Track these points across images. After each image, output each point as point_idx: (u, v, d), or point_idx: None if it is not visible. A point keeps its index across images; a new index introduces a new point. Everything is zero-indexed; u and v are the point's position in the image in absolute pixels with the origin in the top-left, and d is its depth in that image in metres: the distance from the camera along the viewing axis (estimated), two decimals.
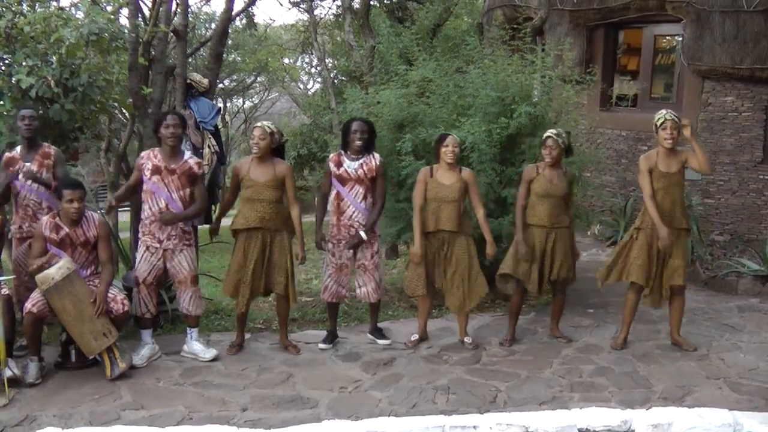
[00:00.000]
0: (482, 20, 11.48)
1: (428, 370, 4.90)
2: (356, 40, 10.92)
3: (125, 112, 7.45)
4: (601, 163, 8.47)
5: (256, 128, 5.05)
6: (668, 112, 5.01)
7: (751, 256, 7.46)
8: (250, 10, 13.31)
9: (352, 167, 5.19)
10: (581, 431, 3.85)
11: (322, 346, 5.31)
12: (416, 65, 7.15)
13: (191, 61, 12.71)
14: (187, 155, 5.06)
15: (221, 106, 19.76)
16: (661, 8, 8.50)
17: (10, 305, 4.59)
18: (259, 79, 22.65)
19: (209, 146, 7.59)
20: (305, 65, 22.91)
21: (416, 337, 5.42)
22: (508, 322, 5.52)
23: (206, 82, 7.86)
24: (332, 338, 5.41)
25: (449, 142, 5.09)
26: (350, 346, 5.40)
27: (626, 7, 8.81)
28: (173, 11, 7.79)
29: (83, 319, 4.56)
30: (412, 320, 5.95)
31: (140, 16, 7.74)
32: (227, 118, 21.73)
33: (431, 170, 5.22)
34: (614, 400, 4.37)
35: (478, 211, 5.17)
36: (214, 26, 14.05)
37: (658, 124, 4.99)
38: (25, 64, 5.56)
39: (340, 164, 5.23)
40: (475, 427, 3.81)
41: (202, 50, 13.22)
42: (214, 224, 5.46)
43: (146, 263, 4.98)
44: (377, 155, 5.30)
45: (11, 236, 5.30)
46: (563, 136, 5.19)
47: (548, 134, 5.18)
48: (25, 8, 6.09)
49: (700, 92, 8.31)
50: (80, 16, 6.10)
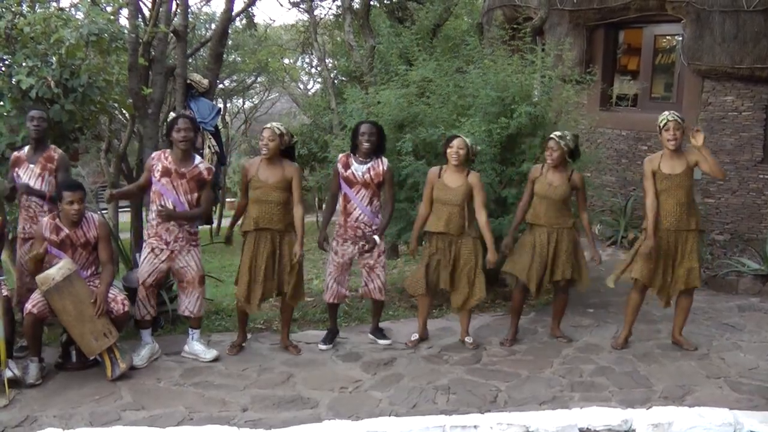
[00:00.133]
0: (482, 20, 11.47)
1: (429, 370, 4.90)
2: (356, 40, 10.93)
3: (125, 112, 7.47)
4: (601, 162, 8.47)
5: (265, 129, 5.01)
6: (671, 113, 4.99)
7: (751, 255, 7.46)
8: (250, 10, 13.33)
9: (359, 171, 5.17)
10: (582, 431, 3.84)
11: (322, 346, 5.30)
12: (416, 65, 7.15)
13: (191, 61, 12.73)
14: (197, 160, 5.04)
15: (221, 106, 19.74)
16: (661, 8, 8.50)
17: (9, 306, 4.59)
18: (259, 79, 22.64)
19: (209, 146, 7.61)
20: (305, 65, 22.92)
21: (416, 336, 5.42)
22: (510, 321, 5.52)
23: (206, 82, 7.88)
24: (332, 337, 5.40)
25: (455, 143, 5.08)
26: (351, 346, 5.40)
27: (626, 7, 8.81)
28: (173, 12, 7.81)
29: (84, 319, 4.56)
30: (412, 320, 5.95)
31: (140, 16, 7.76)
32: (227, 118, 21.72)
33: (440, 171, 5.22)
34: (615, 399, 4.37)
35: (479, 215, 5.11)
36: (214, 27, 14.06)
37: (661, 125, 4.98)
38: (25, 64, 5.57)
39: (348, 166, 5.22)
40: (475, 426, 3.81)
41: (202, 51, 13.24)
42: (228, 231, 5.35)
43: (148, 264, 4.97)
44: (385, 160, 5.27)
45: (17, 236, 5.31)
46: (567, 138, 5.15)
47: (551, 135, 5.18)
48: (25, 9, 6.10)
49: (700, 92, 8.32)
50: (80, 16, 6.10)
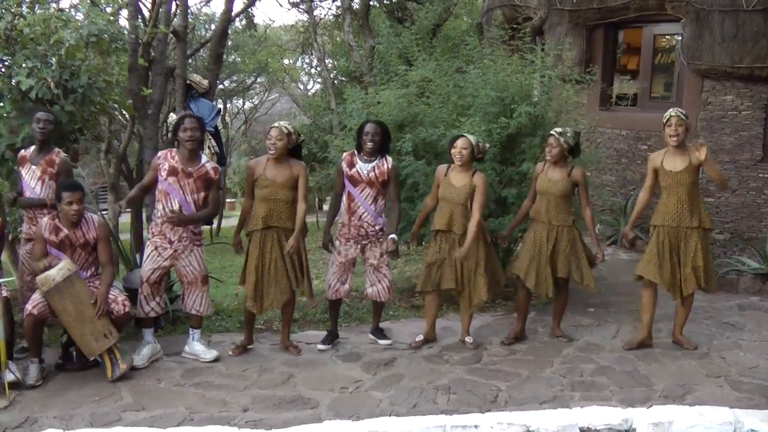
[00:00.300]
0: (482, 20, 11.48)
1: (429, 370, 4.90)
2: (356, 40, 10.94)
3: (125, 113, 7.47)
4: (601, 162, 8.48)
5: (273, 129, 5.01)
6: (675, 109, 5.00)
7: (751, 254, 7.46)
8: (249, 10, 13.33)
9: (364, 169, 5.18)
10: (582, 430, 3.84)
11: (321, 347, 5.30)
12: (416, 65, 7.15)
13: (191, 62, 12.73)
14: (204, 160, 5.04)
15: (221, 107, 19.75)
16: (660, 8, 8.50)
17: (8, 307, 4.59)
18: (259, 79, 22.65)
19: (209, 147, 7.61)
20: (305, 66, 22.95)
21: (421, 338, 5.39)
22: (515, 320, 5.51)
23: (206, 83, 7.88)
24: (332, 338, 5.40)
25: (458, 143, 5.09)
26: (351, 346, 5.40)
27: (626, 6, 8.81)
28: (173, 12, 7.81)
29: (84, 320, 4.56)
30: (413, 320, 5.96)
31: (140, 17, 7.76)
32: (227, 119, 21.73)
33: (447, 169, 5.23)
34: (615, 398, 4.37)
35: (473, 215, 5.06)
36: (213, 27, 14.07)
37: (664, 121, 5.00)
38: (24, 65, 5.56)
39: (352, 165, 5.22)
40: (476, 426, 3.81)
41: (201, 51, 13.24)
42: (236, 239, 5.24)
43: (151, 262, 4.96)
44: (390, 158, 5.27)
45: (17, 236, 5.32)
46: (567, 135, 5.17)
47: (551, 132, 5.20)
48: (24, 10, 6.10)
49: (699, 91, 8.32)
50: (80, 17, 6.11)
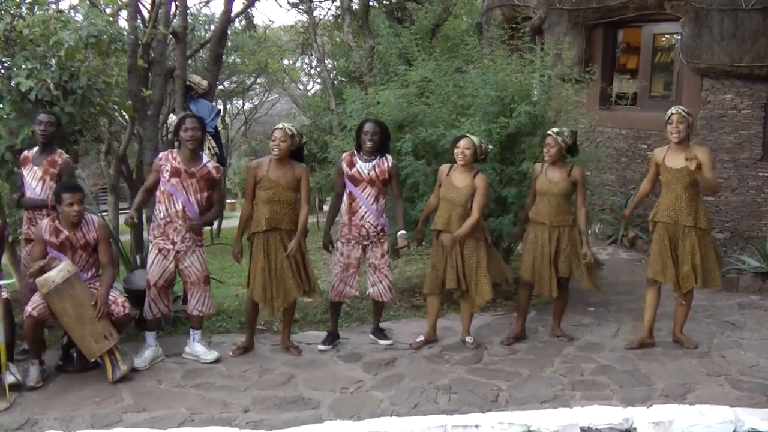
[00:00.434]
0: (481, 20, 11.48)
1: (430, 370, 4.90)
2: (355, 40, 10.94)
3: (125, 114, 7.47)
4: (600, 161, 8.48)
5: (277, 130, 4.99)
6: (677, 107, 5.03)
7: (751, 253, 7.46)
8: (249, 11, 13.33)
9: (365, 168, 5.18)
10: (583, 430, 3.85)
11: (321, 347, 5.30)
12: (416, 65, 7.15)
13: (191, 63, 12.74)
14: (205, 159, 5.05)
15: (221, 107, 19.76)
16: (659, 7, 8.50)
17: (9, 309, 4.59)
18: (258, 80, 22.67)
19: (209, 148, 7.61)
20: (305, 66, 22.97)
21: (422, 338, 5.39)
22: (515, 319, 5.52)
23: (206, 83, 7.89)
24: (332, 339, 5.40)
25: (461, 144, 5.08)
26: (351, 346, 5.40)
27: (625, 6, 8.81)
28: (172, 13, 7.81)
29: (84, 321, 4.56)
30: (413, 320, 5.96)
31: (139, 18, 7.76)
32: (227, 119, 21.74)
33: (449, 169, 5.23)
34: (616, 398, 4.37)
35: (472, 215, 5.05)
36: (213, 28, 14.08)
37: (666, 119, 5.02)
38: (24, 67, 5.56)
39: (352, 164, 5.22)
40: (476, 426, 3.81)
41: (201, 52, 13.25)
42: (237, 246, 5.09)
43: (158, 266, 4.96)
44: (390, 157, 5.27)
45: (17, 238, 5.33)
46: (564, 134, 5.18)
47: (548, 132, 5.20)
48: (23, 11, 6.10)
49: (699, 90, 8.32)
50: (79, 18, 6.11)
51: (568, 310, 5.73)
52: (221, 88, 19.28)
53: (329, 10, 17.54)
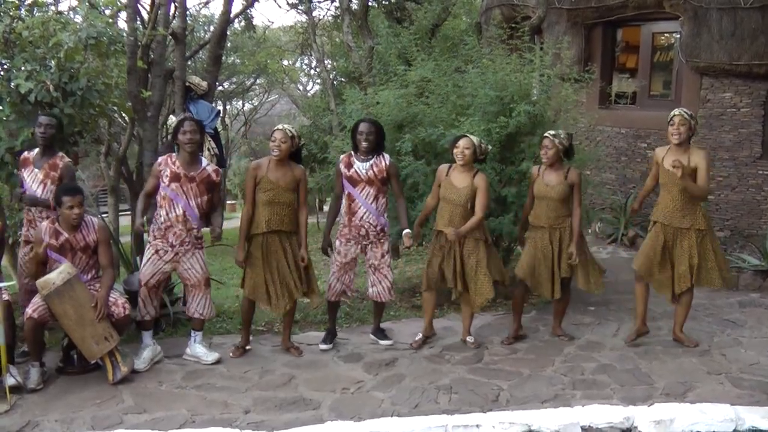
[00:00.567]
0: (480, 20, 11.48)
1: (430, 369, 4.90)
2: (355, 41, 10.94)
3: (125, 115, 7.47)
4: (600, 160, 8.48)
5: (277, 131, 4.99)
6: (680, 109, 5.05)
7: (751, 251, 7.46)
8: (248, 12, 13.34)
9: (362, 168, 5.17)
10: (584, 429, 3.85)
11: (322, 346, 5.31)
12: (415, 65, 7.15)
13: (190, 63, 12.74)
14: (204, 162, 5.05)
15: (220, 108, 19.77)
16: (658, 6, 8.50)
17: (10, 311, 4.58)
18: (258, 81, 22.69)
19: (209, 149, 7.62)
20: (304, 67, 23.00)
21: (420, 336, 5.40)
22: (512, 319, 5.52)
23: (205, 84, 7.90)
24: (332, 337, 5.41)
25: (461, 143, 5.08)
26: (352, 347, 5.40)
27: (624, 5, 8.81)
28: (171, 14, 7.82)
29: (84, 323, 4.56)
30: (413, 320, 5.96)
31: (138, 19, 7.77)
32: (227, 120, 21.75)
33: (448, 169, 5.23)
34: (616, 397, 4.37)
35: (476, 214, 5.06)
36: (212, 29, 14.08)
37: (668, 119, 5.03)
38: (23, 68, 5.56)
39: (350, 165, 5.22)
40: (477, 426, 3.81)
41: (200, 53, 13.26)
42: (240, 253, 5.02)
43: (152, 266, 4.96)
44: (387, 156, 5.27)
45: (18, 240, 5.32)
46: (561, 136, 5.18)
47: (545, 134, 5.20)
48: (23, 13, 6.10)
49: (698, 89, 8.32)
50: (78, 20, 6.11)
51: (568, 309, 5.72)
52: (221, 89, 19.29)
53: (328, 10, 17.57)
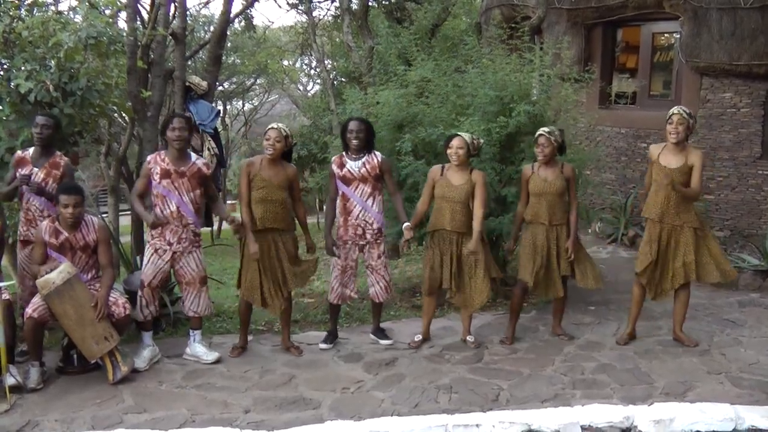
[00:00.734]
0: (480, 20, 11.48)
1: (430, 369, 4.90)
2: (355, 41, 10.94)
3: (125, 115, 7.46)
4: (600, 160, 8.48)
5: (272, 130, 5.01)
6: (679, 107, 5.05)
7: (751, 251, 7.46)
8: (248, 12, 13.35)
9: (354, 167, 5.19)
10: (584, 428, 3.85)
11: (322, 346, 5.31)
12: (415, 65, 7.16)
13: (190, 63, 12.75)
14: (194, 157, 5.08)
15: (220, 108, 19.76)
16: (658, 6, 8.50)
17: (10, 310, 4.59)
18: (258, 81, 22.68)
19: (209, 149, 7.62)
20: (304, 67, 22.99)
21: (419, 338, 5.42)
22: (508, 320, 5.52)
23: (205, 84, 7.90)
24: (333, 338, 5.41)
25: (453, 144, 5.09)
26: (352, 346, 5.40)
27: (624, 5, 8.81)
28: (171, 14, 7.81)
29: (84, 323, 4.56)
30: (413, 320, 5.96)
31: (138, 19, 7.76)
32: (227, 120, 21.75)
33: (442, 169, 5.22)
34: (616, 396, 4.37)
35: (476, 212, 5.08)
36: (212, 29, 14.09)
37: (667, 118, 5.03)
38: (23, 68, 5.56)
39: (342, 165, 5.23)
40: (477, 425, 3.82)
41: (200, 53, 13.26)
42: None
43: (152, 266, 4.98)
44: (378, 153, 5.29)
45: (18, 240, 5.31)
46: (556, 133, 5.19)
47: (540, 132, 5.20)
48: (23, 13, 6.10)
49: (698, 89, 8.32)
50: (78, 20, 6.11)
51: (568, 309, 5.73)
52: (221, 89, 19.28)
53: (328, 10, 17.54)
